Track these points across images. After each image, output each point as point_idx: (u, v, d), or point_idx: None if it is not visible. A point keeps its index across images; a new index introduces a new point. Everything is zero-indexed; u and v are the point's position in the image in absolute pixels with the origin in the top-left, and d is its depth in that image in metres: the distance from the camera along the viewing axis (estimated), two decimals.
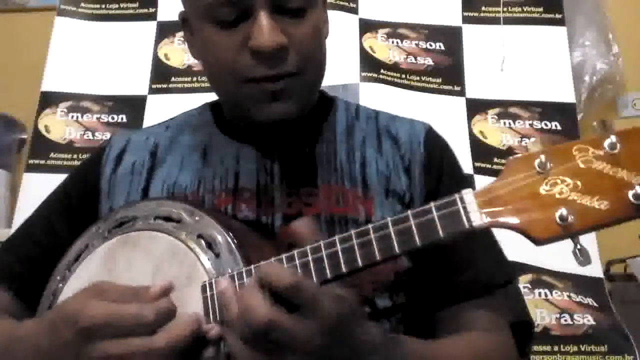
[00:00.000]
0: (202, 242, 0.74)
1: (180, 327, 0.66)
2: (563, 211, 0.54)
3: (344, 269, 0.63)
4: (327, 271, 0.63)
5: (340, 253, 0.63)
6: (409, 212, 0.61)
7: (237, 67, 0.82)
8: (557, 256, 1.87)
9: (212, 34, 0.83)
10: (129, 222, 0.82)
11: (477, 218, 0.58)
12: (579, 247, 0.55)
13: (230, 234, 0.74)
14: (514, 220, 0.57)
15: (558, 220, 0.54)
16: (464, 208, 0.59)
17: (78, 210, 0.94)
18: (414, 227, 0.60)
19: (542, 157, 0.56)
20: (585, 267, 1.85)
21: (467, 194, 0.59)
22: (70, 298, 0.71)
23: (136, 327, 0.65)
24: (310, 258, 0.64)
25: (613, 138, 0.54)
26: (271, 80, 0.81)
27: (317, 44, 0.86)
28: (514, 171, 0.58)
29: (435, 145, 0.95)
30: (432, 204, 0.60)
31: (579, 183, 0.55)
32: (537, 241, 0.56)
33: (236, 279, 0.68)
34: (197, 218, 0.77)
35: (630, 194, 0.52)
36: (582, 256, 0.55)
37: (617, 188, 0.53)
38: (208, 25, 0.83)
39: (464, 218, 0.58)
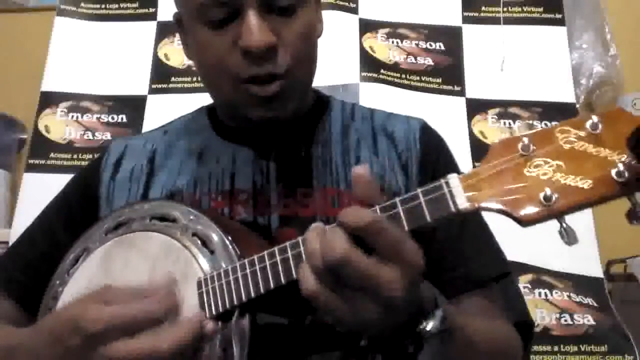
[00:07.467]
0: (197, 240, 0.75)
1: (183, 330, 0.66)
2: (547, 192, 0.54)
3: None
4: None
5: None
6: (397, 199, 0.61)
7: (228, 67, 0.82)
8: (557, 256, 1.87)
9: (204, 34, 0.83)
10: (125, 224, 0.83)
11: (463, 201, 0.58)
12: (564, 226, 0.55)
13: (225, 232, 0.74)
14: (499, 202, 0.57)
15: (543, 200, 0.54)
16: (450, 192, 0.59)
17: (78, 217, 0.94)
18: (401, 213, 0.60)
19: (525, 140, 0.57)
20: (585, 267, 1.84)
21: (453, 178, 0.59)
22: (68, 305, 0.70)
23: (148, 323, 0.66)
24: (302, 249, 0.64)
25: (595, 118, 0.55)
26: (261, 83, 0.81)
27: (308, 43, 0.86)
28: (498, 155, 0.58)
29: (430, 141, 0.95)
30: (418, 190, 0.60)
31: (562, 164, 0.55)
32: (523, 222, 0.56)
33: (230, 274, 0.69)
34: (191, 217, 0.78)
35: (613, 172, 0.52)
36: (568, 236, 0.55)
37: (600, 167, 0.53)
38: (200, 26, 0.83)
39: (450, 202, 0.58)
